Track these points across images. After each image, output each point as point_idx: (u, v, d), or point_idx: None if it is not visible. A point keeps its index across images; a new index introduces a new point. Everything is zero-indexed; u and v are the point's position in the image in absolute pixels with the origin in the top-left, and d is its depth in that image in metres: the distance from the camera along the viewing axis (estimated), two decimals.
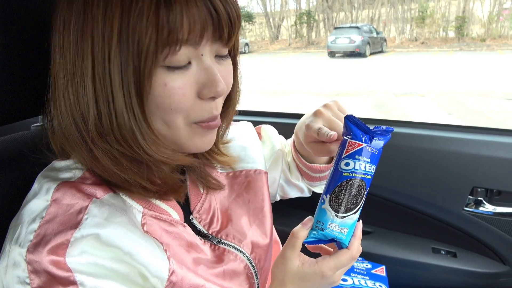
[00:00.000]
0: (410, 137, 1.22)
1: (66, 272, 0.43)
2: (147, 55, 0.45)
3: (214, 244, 0.60)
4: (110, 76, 0.45)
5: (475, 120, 4.70)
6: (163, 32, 0.44)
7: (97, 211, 0.48)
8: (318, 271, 0.54)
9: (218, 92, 0.50)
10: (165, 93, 0.47)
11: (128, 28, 0.44)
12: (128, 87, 0.46)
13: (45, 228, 0.45)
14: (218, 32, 0.49)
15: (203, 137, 0.54)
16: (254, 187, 0.71)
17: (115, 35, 0.44)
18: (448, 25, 12.28)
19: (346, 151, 0.55)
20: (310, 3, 14.48)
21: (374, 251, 1.24)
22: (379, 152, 0.56)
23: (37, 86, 0.60)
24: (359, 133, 0.55)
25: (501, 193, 1.16)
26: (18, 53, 0.57)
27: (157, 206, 0.55)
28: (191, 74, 0.49)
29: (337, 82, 7.53)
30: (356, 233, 0.56)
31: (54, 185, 0.49)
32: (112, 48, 0.45)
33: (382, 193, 1.25)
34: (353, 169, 0.53)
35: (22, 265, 0.43)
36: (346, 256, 0.55)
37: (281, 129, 0.90)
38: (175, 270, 0.50)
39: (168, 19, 0.44)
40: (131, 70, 0.45)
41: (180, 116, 0.50)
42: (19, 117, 0.61)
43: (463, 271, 1.17)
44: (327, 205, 0.54)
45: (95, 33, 0.45)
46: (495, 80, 6.89)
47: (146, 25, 0.44)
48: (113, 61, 0.45)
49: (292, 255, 0.56)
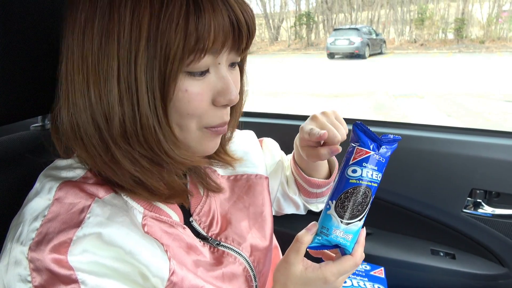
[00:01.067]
0: (409, 138, 1.22)
1: (68, 270, 0.43)
2: (173, 61, 0.45)
3: (213, 246, 0.60)
4: (136, 78, 0.45)
5: (474, 121, 4.71)
6: (191, 39, 0.45)
7: (100, 210, 0.48)
8: (321, 276, 0.54)
9: (231, 100, 0.52)
10: (185, 99, 0.48)
11: (157, 32, 0.44)
12: (153, 91, 0.46)
13: (48, 227, 0.45)
14: (237, 42, 0.50)
15: (211, 142, 0.55)
16: (254, 191, 0.71)
17: (143, 38, 0.44)
18: (447, 27, 12.31)
19: (354, 158, 0.55)
20: (310, 5, 14.50)
21: (373, 252, 1.24)
22: (386, 160, 0.56)
23: (37, 87, 0.60)
24: (367, 141, 0.55)
25: (500, 195, 1.16)
26: (18, 53, 0.57)
27: (157, 207, 0.55)
28: (208, 82, 0.50)
29: (336, 83, 7.53)
30: (360, 239, 0.56)
31: (56, 184, 0.49)
32: (139, 51, 0.45)
33: (381, 195, 1.25)
34: (360, 176, 0.53)
35: (24, 263, 0.43)
36: (349, 262, 0.55)
37: (280, 130, 0.90)
38: (175, 271, 0.50)
39: (197, 27, 0.45)
40: (157, 74, 0.46)
41: (194, 121, 0.51)
42: (18, 118, 0.61)
43: (462, 273, 1.17)
44: (333, 211, 0.54)
45: (121, 34, 0.45)
46: (494, 82, 6.91)
47: (176, 31, 0.44)
48: (139, 64, 0.45)
49: (296, 260, 0.55)
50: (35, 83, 0.59)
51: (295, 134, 0.75)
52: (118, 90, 0.46)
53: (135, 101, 0.46)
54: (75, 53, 0.48)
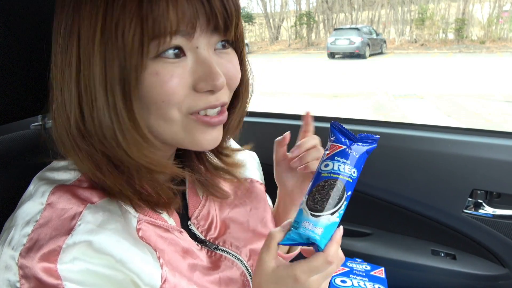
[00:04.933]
0: (410, 139, 1.22)
1: (56, 279, 0.42)
2: (132, 49, 0.43)
3: (210, 250, 0.59)
4: (93, 74, 0.44)
5: (474, 122, 4.71)
6: (148, 23, 0.43)
7: (91, 217, 0.47)
8: (291, 274, 0.50)
9: (216, 85, 0.47)
10: (156, 83, 0.45)
11: (112, 23, 0.43)
12: (112, 84, 0.44)
13: (39, 233, 0.45)
14: (212, 23, 0.47)
15: (204, 134, 0.51)
16: (257, 196, 0.70)
17: (98, 31, 0.43)
18: (447, 27, 12.32)
19: (327, 154, 0.55)
20: (310, 4, 14.50)
21: (373, 253, 1.24)
22: (362, 157, 0.56)
23: (37, 86, 0.60)
24: (340, 137, 0.56)
25: (501, 195, 1.16)
26: (18, 52, 0.57)
27: (152, 212, 0.54)
28: (185, 66, 0.47)
29: (336, 83, 7.54)
30: (334, 237, 0.52)
31: (49, 188, 0.48)
32: (95, 45, 0.44)
33: (382, 195, 1.25)
34: (331, 170, 0.54)
35: (13, 269, 0.43)
36: (320, 259, 0.50)
37: (280, 130, 0.90)
38: (167, 278, 0.49)
39: (152, 10, 0.43)
40: (116, 66, 0.44)
41: (174, 108, 0.48)
42: (18, 117, 0.61)
43: (463, 274, 1.17)
44: (304, 205, 0.53)
45: (81, 32, 0.45)
46: (494, 82, 6.91)
47: (130, 18, 0.43)
48: (96, 58, 0.44)
49: (267, 256, 0.52)
50: (35, 82, 0.59)
51: (295, 134, 0.75)
52: (77, 90, 0.46)
53: (93, 97, 0.45)
54: (52, 56, 0.49)
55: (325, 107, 5.69)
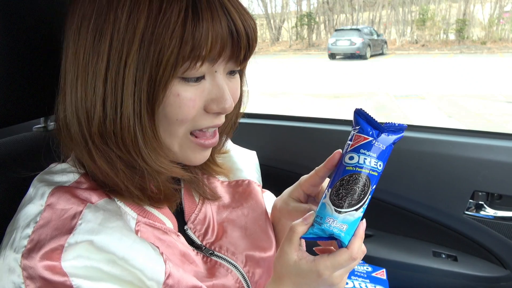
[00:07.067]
0: (411, 140, 1.22)
1: (62, 276, 0.43)
2: (166, 66, 0.45)
3: (206, 256, 0.59)
4: (123, 80, 0.45)
5: (475, 123, 4.70)
6: (187, 46, 0.45)
7: (91, 216, 0.47)
8: (314, 269, 0.50)
9: (225, 108, 0.51)
10: (176, 103, 0.48)
11: (152, 36, 0.44)
12: (140, 94, 0.46)
13: (39, 233, 0.45)
14: (236, 52, 0.50)
15: (196, 154, 0.55)
16: (255, 198, 0.70)
17: (136, 41, 0.44)
18: (448, 27, 12.30)
19: (352, 145, 0.53)
20: (311, 5, 14.50)
21: (374, 254, 1.24)
22: (389, 148, 0.53)
23: (40, 88, 0.60)
24: (366, 127, 0.53)
25: (502, 197, 1.16)
26: (21, 55, 0.57)
27: (151, 213, 0.54)
28: (203, 88, 0.50)
29: (337, 84, 7.53)
30: (358, 232, 0.52)
31: (49, 189, 0.49)
32: (130, 53, 0.45)
33: (383, 196, 1.25)
34: (357, 163, 0.51)
35: (17, 271, 0.43)
36: (344, 255, 0.51)
37: (280, 130, 0.90)
38: (171, 273, 0.49)
39: (194, 35, 0.44)
40: (147, 78, 0.45)
41: (183, 127, 0.51)
42: (21, 119, 0.61)
43: (464, 275, 1.16)
44: (327, 199, 0.52)
45: (115, 35, 0.45)
46: (496, 83, 6.90)
47: (171, 37, 0.44)
48: (129, 66, 0.45)
49: (289, 249, 0.52)
50: (37, 84, 0.59)
51: (295, 136, 0.75)
52: (103, 90, 0.46)
53: (118, 102, 0.46)
54: (70, 49, 0.48)
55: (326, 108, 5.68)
